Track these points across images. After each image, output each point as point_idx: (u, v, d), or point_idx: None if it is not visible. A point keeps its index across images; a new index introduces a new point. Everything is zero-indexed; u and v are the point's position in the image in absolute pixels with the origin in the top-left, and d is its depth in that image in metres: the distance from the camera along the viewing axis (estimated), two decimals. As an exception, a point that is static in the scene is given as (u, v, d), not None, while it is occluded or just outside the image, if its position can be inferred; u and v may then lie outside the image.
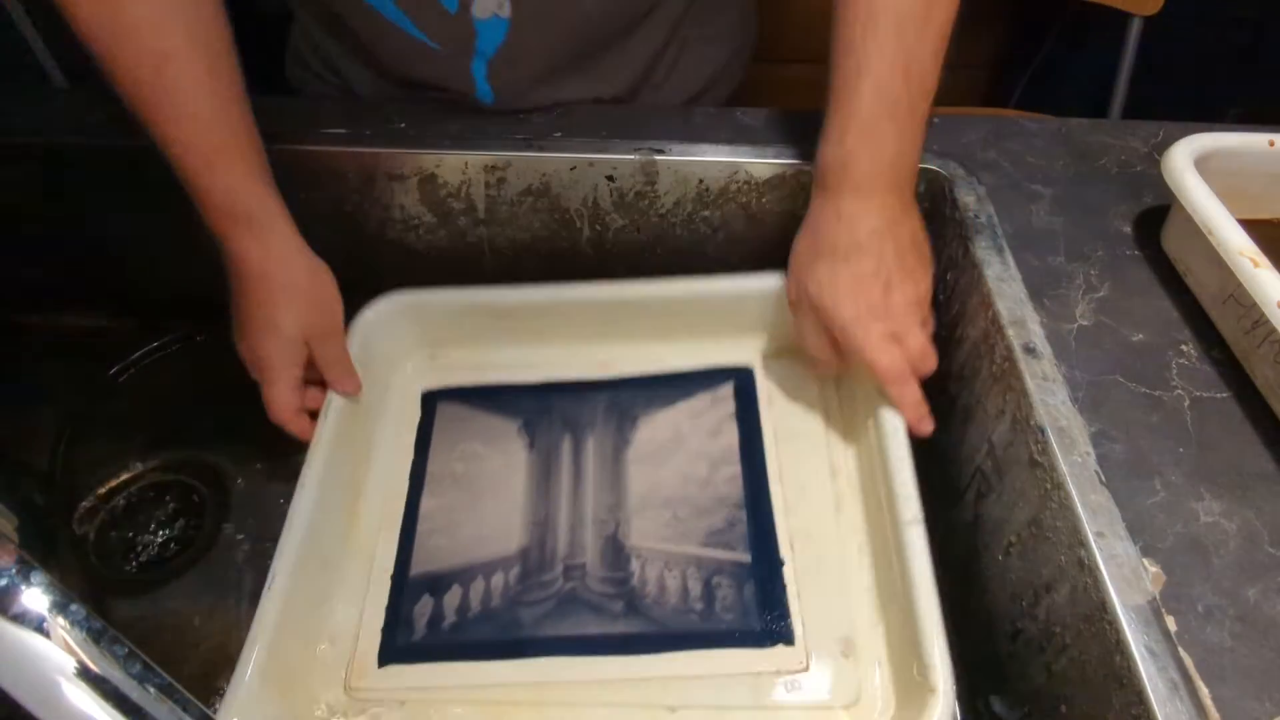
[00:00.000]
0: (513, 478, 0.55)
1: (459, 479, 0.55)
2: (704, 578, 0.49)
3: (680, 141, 0.59)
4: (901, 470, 0.47)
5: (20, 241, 0.65)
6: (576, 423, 0.57)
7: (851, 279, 0.48)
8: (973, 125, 0.62)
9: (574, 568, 0.50)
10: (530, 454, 0.56)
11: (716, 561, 0.50)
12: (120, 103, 0.47)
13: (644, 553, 0.51)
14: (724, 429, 0.56)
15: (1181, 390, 0.45)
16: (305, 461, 0.49)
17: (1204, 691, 0.34)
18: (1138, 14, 1.04)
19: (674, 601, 0.49)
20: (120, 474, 0.58)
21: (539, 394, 0.59)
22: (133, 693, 0.21)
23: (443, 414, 0.59)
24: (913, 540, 0.44)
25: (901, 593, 0.44)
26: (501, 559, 0.51)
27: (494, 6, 0.56)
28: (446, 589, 0.50)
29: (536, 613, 0.49)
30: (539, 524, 0.53)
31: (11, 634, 0.20)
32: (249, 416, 0.61)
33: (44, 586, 0.21)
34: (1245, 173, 0.51)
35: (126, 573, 0.54)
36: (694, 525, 0.52)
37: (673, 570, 0.50)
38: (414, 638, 0.48)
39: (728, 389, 0.58)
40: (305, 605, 0.46)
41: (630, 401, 0.58)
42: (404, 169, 0.59)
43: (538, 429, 0.57)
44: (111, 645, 0.21)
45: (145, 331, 0.66)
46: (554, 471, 0.55)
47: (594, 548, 0.51)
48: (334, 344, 0.53)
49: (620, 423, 0.57)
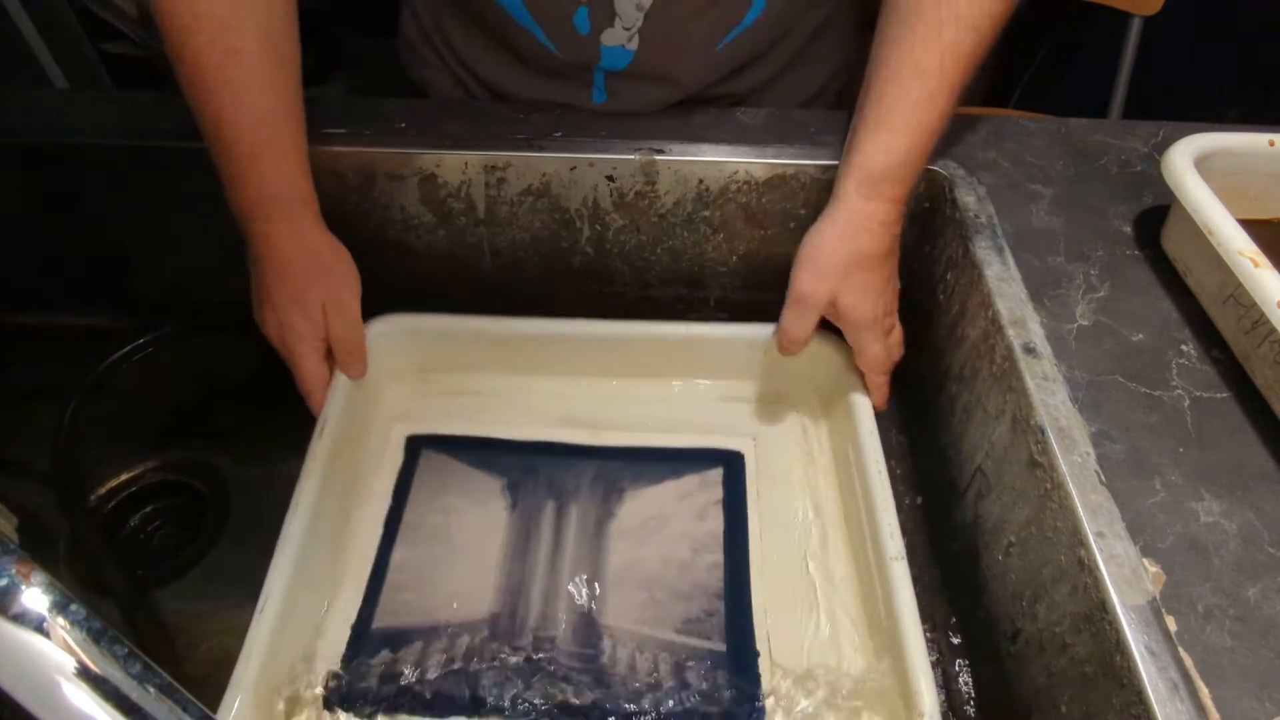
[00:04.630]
0: (490, 538, 0.54)
1: (436, 532, 0.54)
2: (675, 662, 0.48)
3: (680, 141, 0.59)
4: (885, 510, 0.49)
5: (20, 241, 0.65)
6: (562, 489, 0.56)
7: (879, 284, 0.52)
8: (973, 125, 0.62)
9: (544, 639, 0.49)
10: (511, 515, 0.55)
11: (690, 648, 0.49)
12: (120, 103, 0.48)
13: (617, 633, 0.49)
14: (709, 514, 0.55)
15: (1181, 390, 0.45)
16: (299, 480, 0.50)
17: (1204, 691, 0.34)
18: (1138, 14, 1.04)
19: (642, 683, 0.47)
20: (120, 474, 0.58)
21: (526, 453, 0.58)
22: (133, 693, 0.21)
23: (426, 463, 0.58)
24: (897, 575, 0.46)
25: (888, 626, 0.45)
26: (470, 622, 0.50)
27: (623, 38, 0.58)
28: (408, 643, 0.49)
29: (499, 678, 0.47)
30: (512, 590, 0.51)
31: (11, 634, 0.20)
32: (249, 416, 0.62)
33: (44, 586, 0.21)
34: (1245, 173, 0.51)
35: (126, 573, 0.54)
36: (671, 610, 0.50)
37: (644, 653, 0.49)
38: (367, 688, 0.47)
39: (717, 474, 0.57)
40: (296, 626, 0.47)
41: (618, 474, 0.57)
42: (404, 169, 0.59)
43: (521, 490, 0.56)
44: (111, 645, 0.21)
45: (145, 331, 0.66)
46: (533, 536, 0.54)
47: (566, 621, 0.50)
48: (350, 322, 0.54)
49: (606, 494, 0.56)
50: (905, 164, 0.50)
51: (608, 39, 0.58)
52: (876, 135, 0.51)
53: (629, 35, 0.58)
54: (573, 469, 0.57)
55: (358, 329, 0.55)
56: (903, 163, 0.50)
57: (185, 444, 0.60)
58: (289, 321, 0.52)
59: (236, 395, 0.64)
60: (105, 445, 0.60)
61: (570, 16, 0.57)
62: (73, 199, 0.63)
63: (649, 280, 0.66)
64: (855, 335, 0.53)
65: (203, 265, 0.65)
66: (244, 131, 0.49)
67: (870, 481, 0.50)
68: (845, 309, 0.52)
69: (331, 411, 0.53)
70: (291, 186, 0.52)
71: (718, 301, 0.67)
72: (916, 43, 0.49)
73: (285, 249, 0.52)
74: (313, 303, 0.52)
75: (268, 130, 0.50)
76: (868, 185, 0.51)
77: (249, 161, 0.50)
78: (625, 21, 0.57)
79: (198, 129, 0.51)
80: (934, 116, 0.50)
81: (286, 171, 0.51)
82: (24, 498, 0.55)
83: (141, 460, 0.59)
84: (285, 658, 0.46)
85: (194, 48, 0.48)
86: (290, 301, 0.52)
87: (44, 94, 0.69)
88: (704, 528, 0.54)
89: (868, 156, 0.51)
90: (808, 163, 0.58)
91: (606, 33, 0.58)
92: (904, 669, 0.42)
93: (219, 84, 0.48)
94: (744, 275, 0.65)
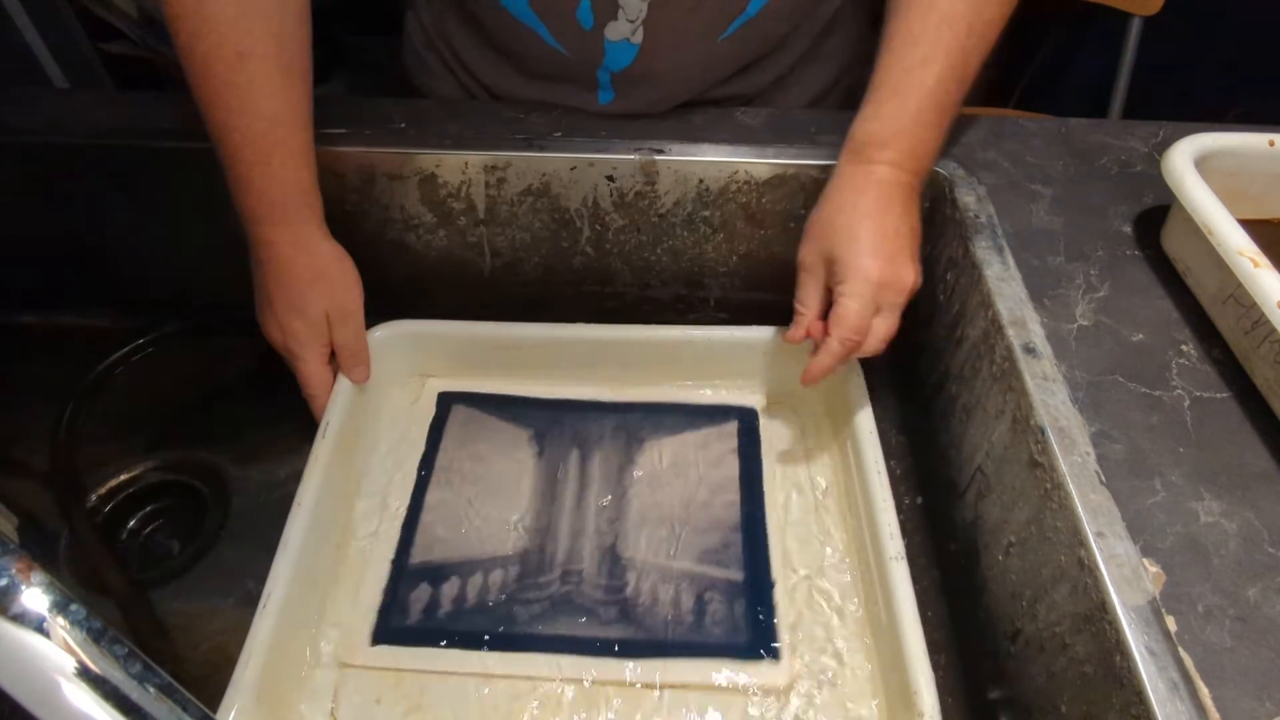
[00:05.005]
0: (520, 482, 0.56)
1: (467, 475, 0.57)
2: (696, 592, 0.51)
3: (680, 141, 0.59)
4: (885, 510, 0.49)
5: (19, 241, 0.65)
6: (585, 438, 0.59)
7: (874, 232, 0.48)
8: (973, 125, 0.62)
9: (571, 573, 0.52)
10: (538, 462, 0.58)
11: (710, 578, 0.51)
12: (120, 103, 0.48)
13: (640, 565, 0.52)
14: (725, 461, 0.57)
15: (1181, 390, 0.45)
16: (301, 480, 0.50)
17: (1204, 691, 0.34)
18: (1138, 14, 1.04)
19: (666, 612, 0.50)
20: (120, 474, 0.58)
21: (551, 408, 0.61)
22: (133, 693, 0.21)
23: (456, 415, 0.60)
24: (897, 574, 0.46)
25: (888, 625, 0.45)
26: (501, 557, 0.52)
27: (627, 32, 0.58)
28: (444, 579, 0.51)
29: (531, 611, 0.50)
30: (540, 529, 0.54)
31: (11, 634, 0.20)
32: (249, 416, 0.62)
33: (44, 586, 0.21)
34: (1245, 173, 0.51)
35: (126, 573, 0.54)
36: (690, 543, 0.53)
37: (667, 583, 0.51)
38: (408, 621, 0.49)
39: (732, 426, 0.60)
40: (297, 624, 0.47)
41: (638, 425, 0.60)
42: (404, 169, 0.59)
43: (547, 440, 0.59)
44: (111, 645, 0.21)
45: (145, 331, 0.66)
46: (560, 481, 0.57)
47: (592, 556, 0.52)
48: (352, 326, 0.55)
49: (628, 443, 0.59)
50: (890, 128, 0.49)
51: (611, 33, 0.58)
52: (866, 105, 0.51)
53: (633, 28, 0.57)
54: (595, 421, 0.60)
55: (361, 335, 0.55)
56: (887, 125, 0.49)
57: (185, 444, 0.60)
58: (291, 327, 0.53)
59: (236, 395, 0.64)
60: (105, 445, 0.60)
61: (573, 10, 0.57)
62: (73, 199, 0.63)
63: (649, 280, 0.66)
64: (843, 277, 0.48)
65: (202, 265, 0.65)
66: (251, 136, 0.49)
67: (870, 482, 0.50)
68: (838, 252, 0.48)
69: (334, 414, 0.53)
70: (297, 192, 0.52)
71: (718, 301, 0.67)
72: (911, 13, 0.50)
73: (288, 254, 0.52)
74: (315, 309, 0.53)
75: (275, 135, 0.50)
76: (852, 151, 0.51)
77: (255, 166, 0.50)
78: (629, 13, 0.56)
79: (198, 129, 0.51)
80: (927, 80, 0.49)
81: (293, 178, 0.51)
82: (24, 498, 0.55)
83: (141, 460, 0.59)
84: (286, 656, 0.46)
85: (203, 50, 0.48)
86: (292, 307, 0.52)
87: (44, 94, 0.69)
88: (721, 472, 0.57)
89: (854, 127, 0.51)
90: (808, 163, 0.58)
91: (610, 26, 0.58)
92: (904, 669, 0.42)
93: (227, 87, 0.48)
94: (744, 275, 0.65)
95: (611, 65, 0.61)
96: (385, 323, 0.59)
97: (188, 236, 0.64)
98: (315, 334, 0.53)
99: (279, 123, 0.50)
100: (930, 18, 0.49)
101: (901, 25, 0.50)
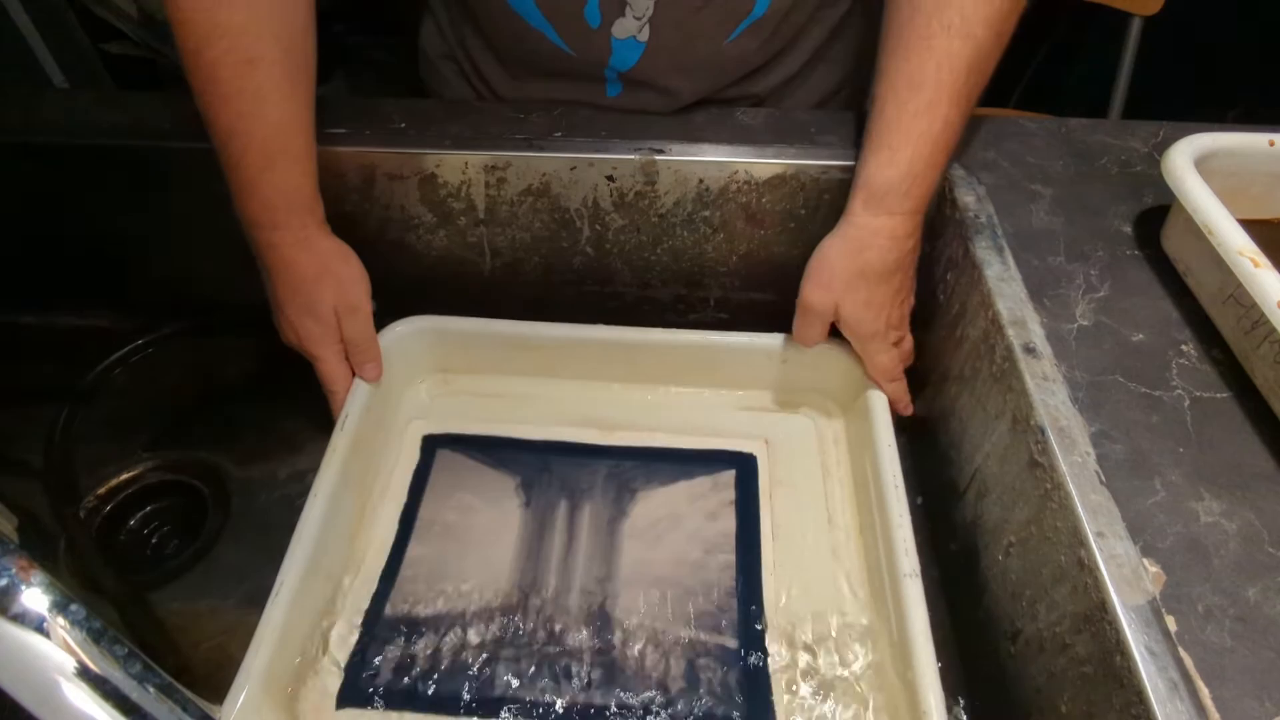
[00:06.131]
0: (504, 535, 0.54)
1: (450, 529, 0.54)
2: (687, 658, 0.48)
3: (680, 141, 0.59)
4: (902, 526, 0.48)
5: (19, 240, 0.65)
6: (575, 488, 0.57)
7: (883, 297, 0.53)
8: (973, 125, 0.62)
9: (556, 634, 0.49)
10: (525, 513, 0.55)
11: (702, 644, 0.49)
12: (119, 104, 0.47)
13: (629, 627, 0.50)
14: (722, 515, 0.55)
15: (1181, 390, 0.45)
16: (318, 472, 0.50)
17: (1204, 691, 0.34)
18: (1138, 14, 1.04)
19: (654, 679, 0.48)
20: (120, 474, 0.58)
21: (540, 452, 0.59)
22: (133, 693, 0.21)
23: (441, 461, 0.58)
24: (911, 592, 0.45)
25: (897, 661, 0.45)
26: (482, 616, 0.50)
27: (633, 29, 0.58)
28: (420, 636, 0.49)
29: (510, 671, 0.48)
30: (525, 586, 0.52)
31: (11, 634, 0.20)
32: (249, 416, 0.62)
33: (44, 586, 0.21)
34: (1245, 173, 0.51)
35: (127, 573, 0.54)
36: (682, 607, 0.51)
37: (656, 648, 0.49)
38: (378, 682, 0.47)
39: (729, 476, 0.57)
40: (307, 616, 0.47)
41: (631, 474, 0.57)
42: (404, 169, 0.59)
43: (535, 489, 0.57)
44: (111, 645, 0.21)
45: (144, 331, 0.66)
46: (547, 534, 0.54)
47: (579, 616, 0.50)
48: (360, 321, 0.55)
49: (619, 494, 0.56)
50: (909, 176, 0.50)
51: (618, 31, 0.58)
52: (878, 152, 0.51)
53: (640, 25, 0.57)
54: (586, 468, 0.58)
55: (370, 331, 0.55)
56: (905, 175, 0.50)
57: (185, 444, 0.60)
58: (304, 328, 0.53)
59: (236, 395, 0.64)
60: (105, 445, 0.60)
61: (580, 9, 0.57)
62: (73, 199, 0.63)
63: (649, 280, 0.66)
64: (861, 346, 0.54)
65: (203, 265, 0.65)
66: (257, 142, 0.49)
67: (886, 496, 0.49)
68: (849, 321, 0.53)
69: (352, 408, 0.53)
70: (300, 197, 0.52)
71: (718, 301, 0.67)
72: (910, 54, 0.49)
73: (291, 255, 0.52)
74: (324, 307, 0.53)
75: (281, 141, 0.50)
76: (872, 201, 0.51)
77: (260, 171, 0.50)
78: (636, 10, 0.57)
79: (198, 129, 0.51)
80: (935, 125, 0.49)
81: (296, 184, 0.52)
82: (24, 498, 0.55)
83: (141, 460, 0.59)
84: (295, 646, 0.46)
85: (211, 55, 0.48)
86: (302, 308, 0.53)
87: (44, 94, 0.69)
88: (716, 527, 0.54)
89: (870, 173, 0.51)
90: (808, 163, 0.58)
91: (618, 24, 0.58)
92: (914, 686, 0.42)
93: (234, 93, 0.49)
94: (744, 275, 0.65)
95: (618, 64, 0.61)
96: (403, 318, 0.59)
97: (188, 236, 0.64)
98: (327, 332, 0.53)
99: (284, 129, 0.50)
100: (929, 58, 0.49)
101: (902, 65, 0.50)
